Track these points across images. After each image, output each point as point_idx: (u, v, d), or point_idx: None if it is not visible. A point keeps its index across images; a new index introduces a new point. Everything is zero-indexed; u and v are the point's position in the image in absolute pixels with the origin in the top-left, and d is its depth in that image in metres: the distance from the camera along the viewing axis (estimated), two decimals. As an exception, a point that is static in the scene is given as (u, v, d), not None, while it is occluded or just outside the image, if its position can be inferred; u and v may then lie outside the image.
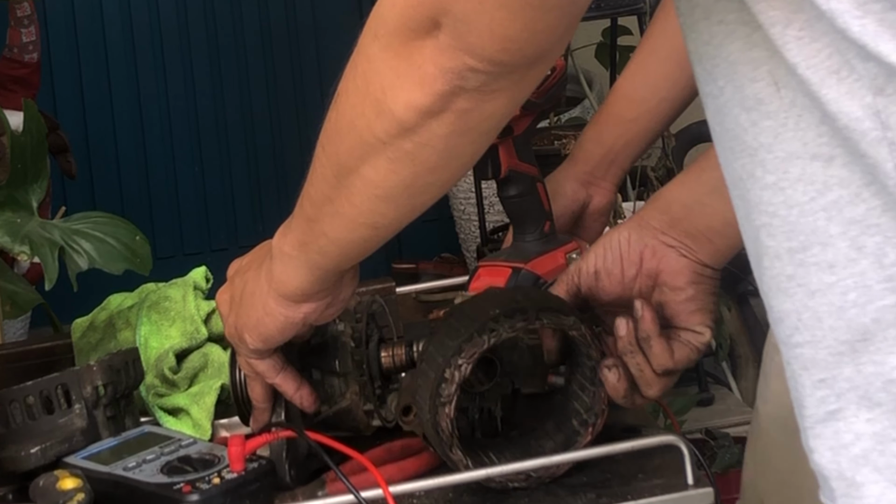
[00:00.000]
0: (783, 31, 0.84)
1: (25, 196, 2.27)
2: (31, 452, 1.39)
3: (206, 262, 1.73)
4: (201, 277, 1.66)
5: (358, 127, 1.01)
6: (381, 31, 0.95)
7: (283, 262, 1.23)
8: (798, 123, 0.85)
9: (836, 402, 0.87)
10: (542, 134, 3.50)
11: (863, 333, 0.85)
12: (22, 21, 3.36)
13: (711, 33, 0.89)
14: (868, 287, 0.85)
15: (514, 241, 1.56)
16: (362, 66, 0.98)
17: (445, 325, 1.29)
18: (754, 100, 0.87)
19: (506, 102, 0.96)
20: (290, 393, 1.35)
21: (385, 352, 1.39)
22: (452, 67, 0.92)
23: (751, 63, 0.86)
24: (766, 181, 0.88)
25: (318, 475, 1.35)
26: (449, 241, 4.11)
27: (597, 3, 3.54)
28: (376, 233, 1.13)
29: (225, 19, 4.30)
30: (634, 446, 1.31)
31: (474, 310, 1.28)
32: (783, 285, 0.89)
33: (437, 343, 1.27)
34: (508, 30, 0.90)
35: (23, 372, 1.57)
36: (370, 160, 1.03)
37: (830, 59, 0.82)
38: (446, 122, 0.96)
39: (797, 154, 0.86)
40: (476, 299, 1.32)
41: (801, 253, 0.87)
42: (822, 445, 0.89)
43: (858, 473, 0.87)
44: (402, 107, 0.96)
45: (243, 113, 4.33)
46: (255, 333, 1.29)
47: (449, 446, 1.26)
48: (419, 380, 1.29)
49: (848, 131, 0.83)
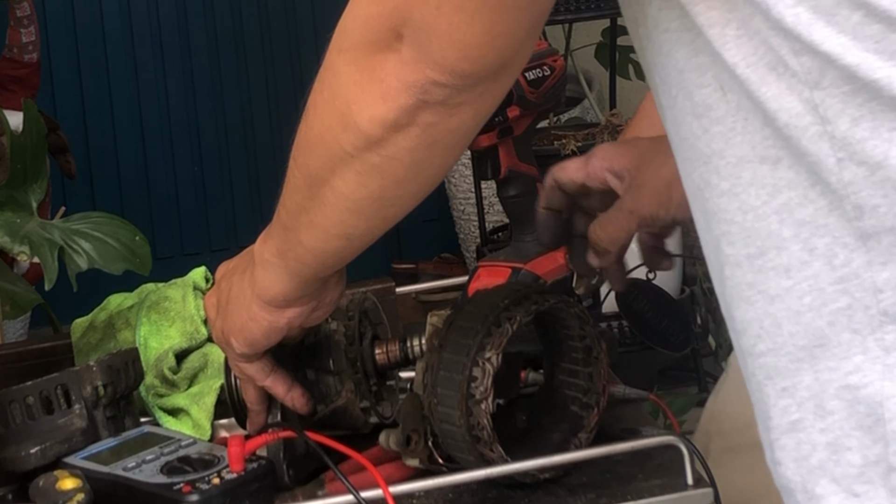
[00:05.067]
0: (722, 32, 0.84)
1: (25, 196, 2.27)
2: (30, 452, 1.39)
3: (206, 263, 1.73)
4: (201, 277, 1.66)
5: (326, 140, 1.02)
6: (345, 45, 0.95)
7: (264, 269, 1.23)
8: (745, 127, 0.85)
9: (798, 412, 0.87)
10: (542, 134, 3.50)
11: (819, 338, 0.85)
12: (22, 21, 3.36)
13: (661, 42, 0.89)
14: (821, 290, 0.84)
15: (514, 241, 1.56)
16: (329, 79, 0.99)
17: (454, 329, 1.28)
18: (703, 106, 0.87)
19: (471, 116, 0.96)
20: (281, 395, 1.34)
21: (379, 349, 1.39)
22: (415, 81, 0.92)
23: (697, 69, 0.87)
24: (721, 188, 0.88)
25: (317, 475, 1.35)
26: (449, 242, 4.11)
27: (597, 3, 3.54)
28: (350, 243, 1.13)
29: (224, 19, 4.30)
30: (634, 446, 1.31)
31: (480, 308, 1.28)
32: (744, 293, 0.88)
33: (453, 348, 1.27)
34: (467, 35, 0.89)
35: (23, 372, 1.57)
36: (339, 173, 1.03)
37: (767, 56, 0.83)
38: (412, 136, 0.97)
39: (747, 158, 0.86)
40: (474, 302, 1.32)
41: (759, 259, 0.87)
42: (786, 457, 0.88)
43: (818, 485, 0.86)
44: (367, 121, 0.96)
45: (243, 113, 4.33)
46: (240, 338, 1.29)
47: (489, 443, 1.26)
48: (440, 390, 1.27)
49: (789, 129, 0.83)
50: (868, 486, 0.85)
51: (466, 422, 1.25)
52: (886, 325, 0.83)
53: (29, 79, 3.40)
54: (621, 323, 2.78)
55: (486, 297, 1.32)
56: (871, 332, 0.83)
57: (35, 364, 1.63)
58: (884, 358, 0.83)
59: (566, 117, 3.90)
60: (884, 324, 0.83)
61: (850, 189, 0.82)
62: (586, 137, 3.50)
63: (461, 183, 3.84)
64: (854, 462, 0.85)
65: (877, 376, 0.83)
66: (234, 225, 4.31)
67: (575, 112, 3.96)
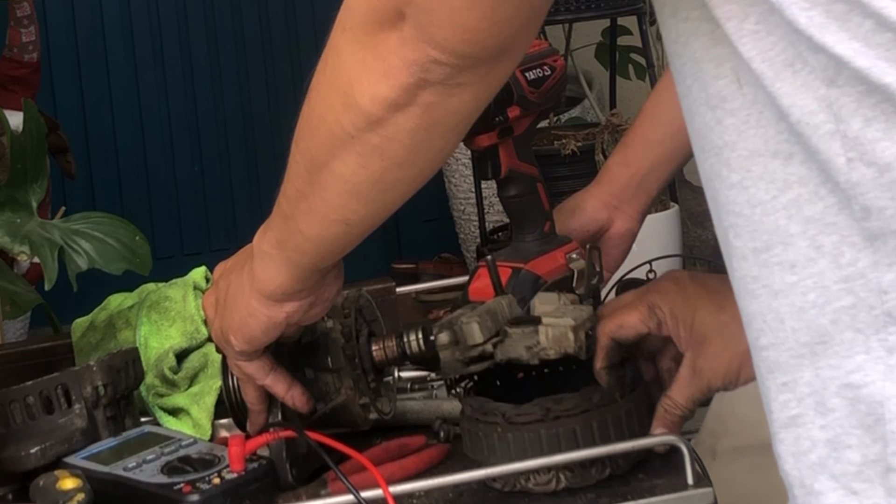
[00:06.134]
0: (739, 26, 0.84)
1: (25, 196, 2.27)
2: (31, 452, 1.39)
3: (206, 262, 1.72)
4: (201, 277, 1.66)
5: (328, 121, 1.02)
6: (348, 24, 0.96)
7: (263, 261, 1.23)
8: (759, 120, 0.85)
9: (798, 407, 0.87)
10: (542, 134, 3.50)
11: (821, 335, 0.85)
12: (22, 21, 3.37)
13: (679, 31, 0.89)
14: (826, 287, 0.84)
15: (514, 241, 1.56)
16: (332, 59, 0.99)
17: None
18: (718, 97, 0.87)
19: (472, 98, 0.97)
20: (282, 394, 1.34)
21: (376, 345, 1.39)
22: (416, 59, 0.93)
23: (714, 60, 0.87)
24: (731, 180, 0.88)
25: (319, 474, 1.35)
26: (449, 241, 4.11)
27: (597, 3, 3.54)
28: (349, 229, 1.13)
29: (225, 19, 4.30)
30: (634, 446, 1.31)
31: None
32: (749, 286, 0.89)
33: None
34: (467, 20, 0.90)
35: (23, 372, 1.57)
36: (340, 155, 1.03)
37: (785, 52, 0.82)
38: (412, 116, 0.97)
39: (759, 152, 0.86)
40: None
41: (764, 253, 0.87)
42: (785, 451, 0.88)
43: (817, 481, 0.86)
44: (369, 99, 0.97)
45: (243, 113, 4.33)
46: (239, 335, 1.29)
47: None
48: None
49: (801, 126, 0.83)
50: (866, 484, 0.85)
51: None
52: (890, 325, 0.83)
53: (29, 79, 3.41)
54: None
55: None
56: (874, 333, 0.83)
57: (35, 364, 1.63)
58: (886, 358, 0.83)
59: (566, 117, 3.90)
60: (888, 324, 0.83)
61: (857, 190, 0.82)
62: (586, 137, 3.50)
63: (461, 183, 3.84)
64: (853, 460, 0.85)
65: (879, 376, 0.83)
66: (234, 225, 4.31)
67: (575, 112, 3.97)
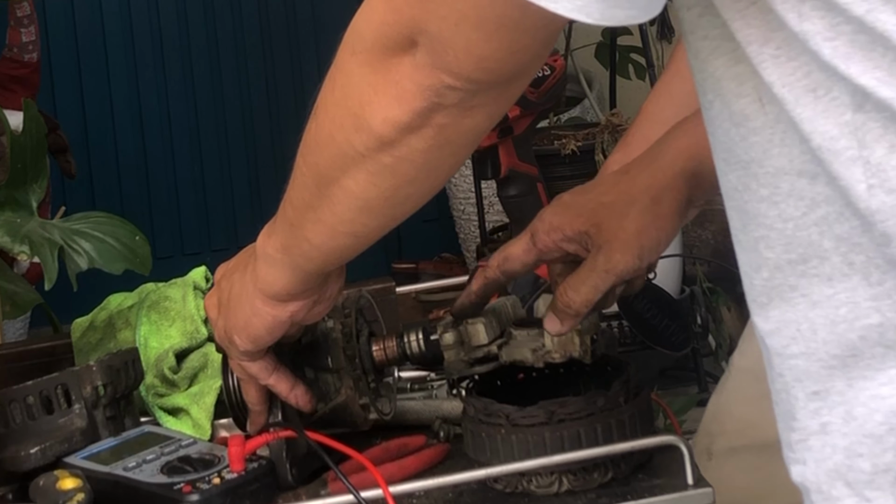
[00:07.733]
0: (760, 50, 0.83)
1: (25, 196, 2.27)
2: (30, 452, 1.39)
3: (206, 262, 1.73)
4: (201, 277, 1.66)
5: (337, 140, 1.01)
6: (358, 47, 0.95)
7: (267, 264, 1.23)
8: (783, 140, 0.85)
9: (828, 415, 0.87)
10: (542, 134, 3.50)
11: (851, 349, 0.85)
12: (22, 21, 3.37)
13: (697, 48, 0.89)
14: (857, 303, 0.84)
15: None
16: (340, 80, 0.98)
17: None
18: (741, 115, 0.86)
19: (485, 118, 0.96)
20: (285, 393, 1.35)
21: (376, 345, 1.39)
22: (430, 85, 0.92)
23: (736, 79, 0.86)
24: (760, 194, 0.87)
25: (319, 474, 1.35)
26: (449, 241, 4.11)
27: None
28: (357, 241, 1.13)
29: (225, 19, 4.30)
30: (634, 446, 1.31)
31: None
32: (786, 295, 0.88)
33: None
34: (485, 50, 0.89)
35: (23, 372, 1.57)
36: (350, 172, 1.03)
37: (808, 78, 0.82)
38: (425, 137, 0.96)
39: (785, 170, 0.85)
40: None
41: (801, 265, 0.86)
42: (811, 458, 0.88)
43: (833, 487, 0.87)
44: (381, 122, 0.96)
45: (243, 113, 4.33)
46: (243, 335, 1.29)
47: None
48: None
49: (821, 151, 0.82)
50: (878, 492, 0.85)
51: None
52: None
53: (29, 79, 3.40)
54: (621, 323, 2.78)
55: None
56: None
57: (35, 364, 1.63)
58: None
59: (566, 117, 3.90)
60: None
61: (877, 217, 0.82)
62: (586, 137, 3.50)
63: (461, 183, 3.84)
64: (864, 468, 0.85)
65: None
66: (234, 225, 4.31)
67: (575, 112, 3.96)
